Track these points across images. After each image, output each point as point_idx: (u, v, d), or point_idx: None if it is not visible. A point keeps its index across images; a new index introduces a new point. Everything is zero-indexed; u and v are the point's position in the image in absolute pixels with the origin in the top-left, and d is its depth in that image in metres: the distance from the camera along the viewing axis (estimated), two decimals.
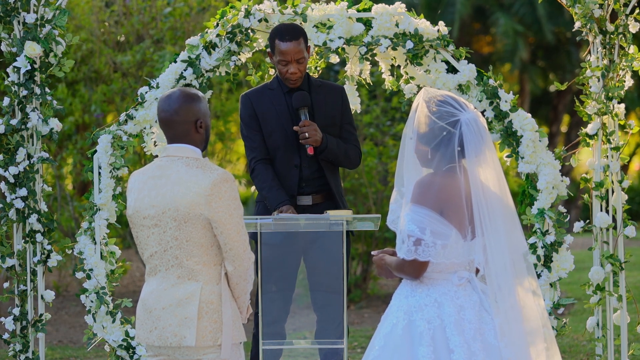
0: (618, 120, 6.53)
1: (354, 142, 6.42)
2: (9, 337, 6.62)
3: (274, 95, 6.32)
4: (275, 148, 6.30)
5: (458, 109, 4.40)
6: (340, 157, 6.32)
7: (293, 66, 6.20)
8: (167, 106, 4.54)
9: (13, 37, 6.59)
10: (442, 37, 6.54)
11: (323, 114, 6.31)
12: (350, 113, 6.48)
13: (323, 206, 6.28)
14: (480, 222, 4.38)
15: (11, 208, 6.59)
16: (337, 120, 6.37)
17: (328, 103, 6.36)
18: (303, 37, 6.23)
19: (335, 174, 6.40)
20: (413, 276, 4.43)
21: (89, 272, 6.57)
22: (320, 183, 6.33)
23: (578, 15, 6.49)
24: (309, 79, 6.37)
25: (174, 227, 4.45)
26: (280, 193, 6.19)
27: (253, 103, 6.33)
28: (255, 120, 6.31)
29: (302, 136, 6.19)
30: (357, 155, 6.43)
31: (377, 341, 4.45)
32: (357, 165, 6.50)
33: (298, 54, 6.19)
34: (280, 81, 6.33)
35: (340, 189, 6.41)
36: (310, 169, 6.31)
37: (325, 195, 6.35)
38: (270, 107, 6.30)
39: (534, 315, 4.45)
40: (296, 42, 6.18)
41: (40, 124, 6.59)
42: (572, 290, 11.22)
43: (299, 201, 6.29)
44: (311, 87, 6.36)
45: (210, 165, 4.50)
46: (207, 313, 4.44)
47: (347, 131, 6.41)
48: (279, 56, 6.20)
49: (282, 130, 6.27)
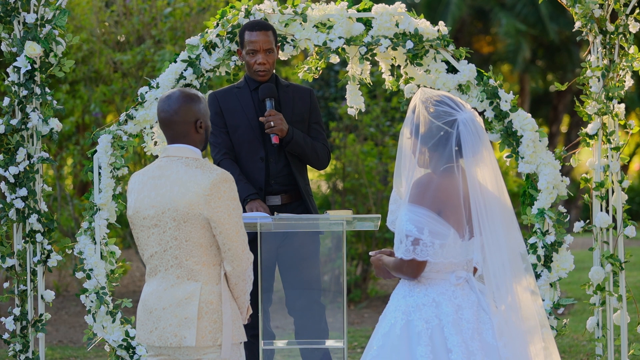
0: (618, 120, 6.52)
1: (322, 141, 6.42)
2: (9, 337, 6.62)
3: (240, 92, 6.37)
4: (240, 142, 6.30)
5: (455, 109, 4.41)
6: (307, 152, 6.31)
7: (261, 56, 6.24)
8: (166, 106, 4.54)
9: (13, 37, 6.59)
10: (442, 37, 6.54)
11: (290, 111, 6.33)
12: (319, 114, 6.50)
13: (292, 206, 6.27)
14: (478, 221, 4.39)
15: (11, 208, 6.59)
16: (304, 118, 6.38)
17: (296, 101, 6.38)
18: (272, 32, 6.30)
19: (303, 173, 6.38)
20: (411, 276, 4.43)
21: (89, 272, 6.57)
22: (288, 181, 6.31)
23: (578, 15, 6.49)
24: (277, 79, 6.41)
25: (174, 227, 4.45)
26: (247, 186, 6.19)
27: (219, 100, 6.36)
28: (221, 118, 6.33)
29: (267, 125, 6.20)
30: (325, 154, 6.41)
31: (376, 341, 4.45)
32: (326, 166, 6.49)
33: (266, 44, 6.24)
34: (247, 79, 6.37)
35: (308, 188, 6.40)
36: (278, 163, 6.30)
37: (294, 195, 6.33)
38: (236, 103, 6.33)
39: (532, 314, 4.45)
40: (265, 33, 6.25)
41: (40, 124, 6.59)
42: (572, 290, 11.22)
43: (268, 201, 6.27)
44: (279, 85, 6.40)
45: (210, 165, 4.51)
46: (207, 313, 4.45)
47: (315, 130, 6.42)
48: (248, 46, 6.25)
49: (247, 124, 6.28)
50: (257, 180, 6.26)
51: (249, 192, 6.17)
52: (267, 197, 6.28)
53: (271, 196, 6.29)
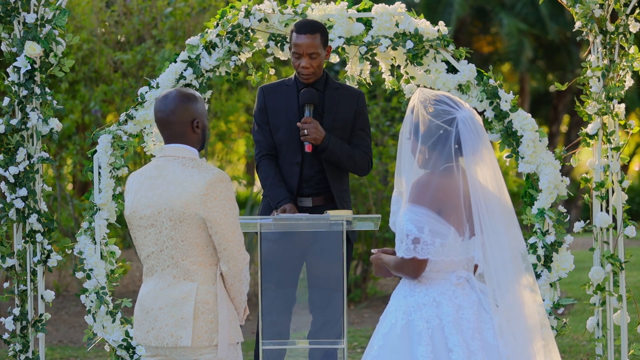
0: (618, 120, 6.52)
1: (364, 148, 6.33)
2: (9, 337, 6.62)
3: (287, 90, 6.32)
4: (280, 144, 6.29)
5: (454, 107, 4.41)
6: (343, 160, 6.25)
7: (305, 60, 6.18)
8: (163, 106, 4.54)
9: (13, 37, 6.59)
10: (442, 37, 6.54)
11: (332, 116, 6.27)
12: (366, 119, 6.40)
13: (324, 208, 6.24)
14: (479, 220, 4.38)
15: (11, 208, 6.59)
16: (348, 124, 6.31)
17: (340, 105, 6.30)
18: (320, 34, 6.20)
19: (339, 177, 6.32)
20: (412, 275, 4.43)
21: (89, 272, 6.57)
22: (321, 185, 6.29)
23: (578, 15, 6.49)
24: (327, 79, 6.33)
25: (170, 227, 4.45)
26: (281, 191, 6.18)
27: (265, 96, 6.32)
28: (264, 114, 6.31)
29: (301, 133, 6.17)
30: (365, 162, 6.33)
31: (376, 341, 4.45)
32: (366, 173, 6.41)
33: (310, 48, 6.17)
34: (296, 78, 6.32)
35: (343, 193, 6.35)
36: (312, 169, 6.28)
37: (326, 198, 6.30)
38: (280, 102, 6.29)
39: (533, 313, 4.46)
40: (311, 37, 6.16)
41: (40, 124, 6.59)
42: (572, 290, 11.22)
43: (300, 203, 6.27)
44: (327, 87, 6.31)
45: (206, 165, 4.50)
46: (203, 313, 4.44)
47: (358, 136, 6.34)
48: (293, 48, 6.20)
49: (288, 126, 6.25)
50: (290, 183, 6.25)
51: (281, 198, 6.16)
52: (299, 198, 6.27)
53: (303, 198, 6.28)
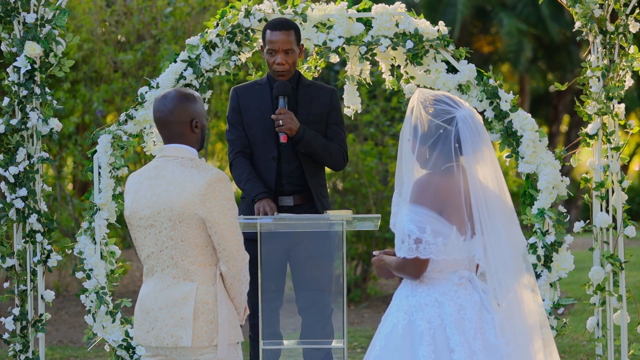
0: (618, 120, 6.52)
1: (339, 142, 6.32)
2: (9, 337, 6.62)
3: (261, 89, 6.32)
4: (254, 141, 6.27)
5: (453, 107, 4.41)
6: (319, 152, 6.22)
7: (280, 56, 6.18)
8: (162, 106, 4.53)
9: (13, 37, 6.59)
10: (442, 37, 6.54)
11: (306, 111, 6.27)
12: (339, 115, 6.40)
13: (304, 208, 6.22)
14: (479, 220, 4.38)
15: (11, 208, 6.59)
16: (322, 119, 6.31)
17: (314, 101, 6.31)
18: (294, 31, 6.23)
19: (317, 174, 6.30)
20: (413, 275, 4.43)
21: (89, 272, 6.57)
22: (301, 182, 6.26)
23: (578, 15, 6.49)
24: (299, 77, 6.35)
25: (169, 227, 4.45)
26: (257, 185, 6.14)
27: (239, 96, 6.33)
28: (238, 114, 6.30)
29: (276, 124, 6.16)
30: (340, 155, 6.31)
31: (378, 341, 4.45)
32: (342, 167, 6.39)
33: (286, 45, 6.18)
34: (269, 77, 6.32)
35: (322, 190, 6.32)
36: (290, 164, 6.25)
37: (307, 197, 6.27)
38: (254, 100, 6.29)
39: (533, 312, 4.46)
40: (285, 33, 6.18)
41: (40, 124, 6.59)
42: (572, 290, 11.22)
43: (280, 201, 6.23)
44: (300, 84, 6.33)
45: (205, 165, 4.50)
46: (203, 313, 4.44)
47: (333, 130, 6.33)
48: (268, 45, 6.20)
49: (262, 122, 6.24)
50: (267, 179, 6.21)
51: (258, 191, 6.13)
52: (279, 197, 6.23)
53: (284, 197, 6.24)
